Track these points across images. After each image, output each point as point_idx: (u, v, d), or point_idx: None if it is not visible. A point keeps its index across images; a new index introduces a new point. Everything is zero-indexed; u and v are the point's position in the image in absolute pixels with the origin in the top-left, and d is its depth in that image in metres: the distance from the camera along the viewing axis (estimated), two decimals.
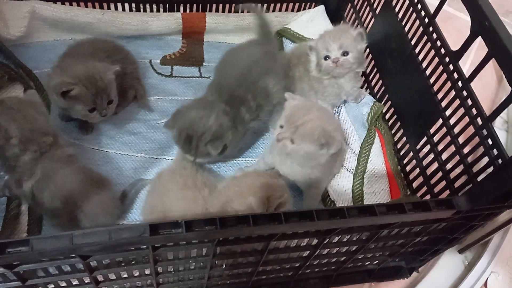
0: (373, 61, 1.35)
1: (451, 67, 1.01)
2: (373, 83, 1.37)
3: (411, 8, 1.15)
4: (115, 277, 0.85)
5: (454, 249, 1.22)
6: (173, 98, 1.36)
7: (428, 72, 1.10)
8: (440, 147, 1.07)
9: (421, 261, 1.12)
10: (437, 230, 0.93)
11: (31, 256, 0.64)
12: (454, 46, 1.02)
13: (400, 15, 1.20)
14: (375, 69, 1.35)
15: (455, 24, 1.74)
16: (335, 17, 1.52)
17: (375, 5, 1.32)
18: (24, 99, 1.06)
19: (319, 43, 1.22)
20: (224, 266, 0.91)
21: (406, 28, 1.17)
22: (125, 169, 1.20)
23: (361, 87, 1.35)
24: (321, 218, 0.72)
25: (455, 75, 1.00)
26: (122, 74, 1.26)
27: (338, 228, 0.77)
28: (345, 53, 1.19)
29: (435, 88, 1.07)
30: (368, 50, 1.36)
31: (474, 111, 0.94)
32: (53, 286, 0.85)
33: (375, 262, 1.10)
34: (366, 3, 1.36)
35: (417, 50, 1.13)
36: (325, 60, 1.21)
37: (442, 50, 1.04)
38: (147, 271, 0.85)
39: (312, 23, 1.51)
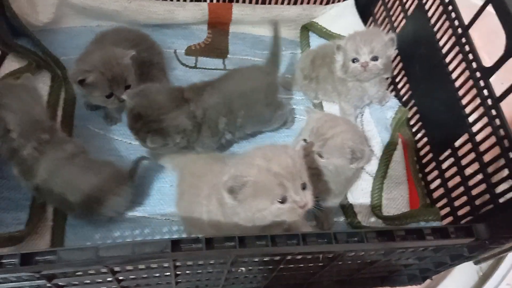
0: (401, 63, 1.32)
1: (481, 83, 0.99)
2: (399, 86, 1.34)
3: (445, 16, 1.11)
4: (135, 277, 0.89)
5: None
6: None
7: (457, 84, 1.07)
8: (464, 161, 1.06)
9: (435, 272, 1.12)
10: (455, 249, 0.93)
11: (58, 266, 0.67)
12: (487, 45, 0.97)
13: (432, 21, 1.16)
14: (403, 72, 1.32)
15: (488, 21, 1.68)
16: (364, 13, 1.48)
17: (407, 5, 1.28)
18: (20, 84, 1.03)
19: (348, 43, 1.18)
20: (240, 271, 0.93)
21: (438, 35, 1.14)
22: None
23: (387, 89, 1.33)
24: (340, 241, 0.73)
25: (485, 92, 0.97)
26: (148, 64, 1.27)
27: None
28: (375, 58, 1.16)
29: (463, 102, 1.05)
30: (396, 51, 1.33)
31: (502, 132, 0.92)
32: (77, 282, 0.88)
33: (388, 270, 1.11)
34: (398, 1, 1.32)
35: (447, 60, 1.10)
36: (353, 62, 1.18)
37: (474, 64, 1.01)
38: (167, 273, 0.88)
39: (340, 18, 1.47)
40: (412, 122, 1.29)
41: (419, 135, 1.26)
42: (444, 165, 1.14)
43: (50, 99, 1.21)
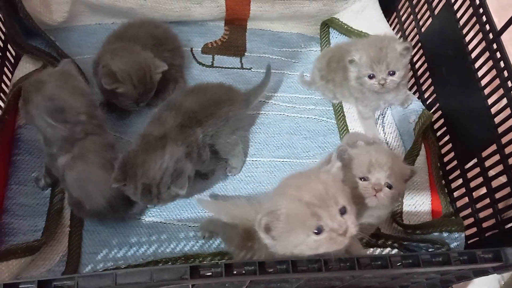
0: (426, 64, 1.27)
1: None
2: (424, 87, 1.29)
3: (474, 18, 1.05)
4: None
5: None
6: None
7: (486, 91, 1.02)
8: (491, 173, 1.02)
9: (456, 282, 1.10)
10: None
11: None
12: None
13: (461, 23, 1.10)
14: (428, 73, 1.26)
15: None
16: (388, 8, 1.42)
17: (434, 4, 1.22)
18: (63, 71, 1.02)
19: (362, 59, 1.13)
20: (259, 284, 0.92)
21: (467, 39, 1.08)
22: None
23: (409, 90, 1.29)
24: (363, 266, 0.71)
25: None
26: (169, 65, 1.23)
27: None
28: (392, 73, 1.12)
29: (493, 110, 1.00)
30: (422, 51, 1.27)
31: None
32: None
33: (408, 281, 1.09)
34: None
35: (476, 65, 1.05)
36: (369, 78, 1.14)
37: (505, 73, 0.96)
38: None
39: (363, 13, 1.42)
40: (436, 126, 1.24)
41: (443, 140, 1.21)
42: (470, 174, 1.10)
43: None
